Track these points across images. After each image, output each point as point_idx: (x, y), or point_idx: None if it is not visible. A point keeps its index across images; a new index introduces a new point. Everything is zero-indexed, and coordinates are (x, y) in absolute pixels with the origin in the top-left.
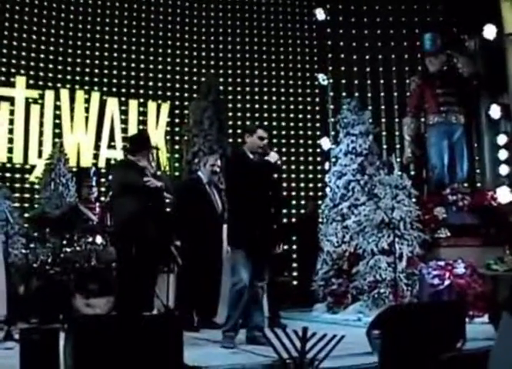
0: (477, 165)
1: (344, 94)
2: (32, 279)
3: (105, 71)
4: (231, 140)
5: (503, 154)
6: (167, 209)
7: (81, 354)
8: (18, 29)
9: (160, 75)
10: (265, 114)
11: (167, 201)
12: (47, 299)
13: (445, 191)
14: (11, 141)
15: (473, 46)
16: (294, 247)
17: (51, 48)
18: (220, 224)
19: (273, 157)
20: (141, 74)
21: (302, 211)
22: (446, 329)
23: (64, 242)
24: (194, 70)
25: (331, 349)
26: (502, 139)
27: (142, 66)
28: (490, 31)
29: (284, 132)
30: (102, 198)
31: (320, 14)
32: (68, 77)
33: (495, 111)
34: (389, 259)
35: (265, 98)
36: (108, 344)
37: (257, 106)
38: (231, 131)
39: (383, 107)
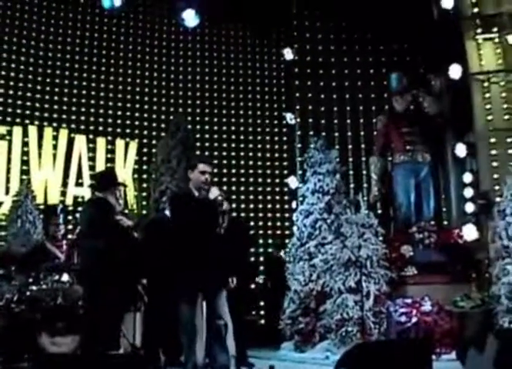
0: (444, 203)
1: (311, 133)
2: None
3: (73, 109)
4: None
5: (469, 193)
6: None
7: None
8: None
9: (128, 113)
10: (233, 153)
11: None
12: (12, 337)
13: (412, 229)
14: None
15: (438, 85)
16: (262, 286)
17: (20, 85)
18: None
19: (213, 193)
20: (110, 112)
21: (270, 250)
22: (413, 366)
23: (30, 280)
24: (163, 108)
25: None
26: (468, 177)
27: (110, 104)
28: (455, 71)
29: (251, 171)
30: (69, 236)
31: (288, 53)
32: (37, 113)
33: (461, 150)
34: (356, 297)
35: (233, 136)
36: None
37: (225, 145)
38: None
39: (350, 146)
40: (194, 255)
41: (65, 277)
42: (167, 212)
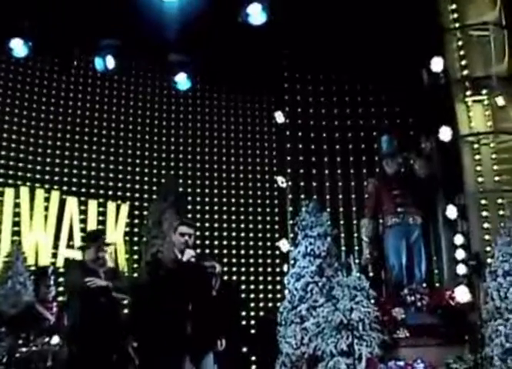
0: (435, 265)
1: (302, 196)
2: None
3: (65, 170)
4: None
5: (460, 254)
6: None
7: None
8: None
9: (120, 176)
10: (224, 216)
11: (124, 301)
12: None
13: (403, 292)
14: None
15: (429, 148)
16: (253, 349)
17: (12, 145)
18: None
19: (187, 254)
20: (101, 174)
21: (261, 314)
22: None
23: (20, 342)
24: (154, 171)
25: None
26: (459, 239)
27: (102, 166)
28: (445, 133)
29: (243, 234)
30: (60, 298)
31: (279, 117)
32: (28, 174)
33: (451, 212)
34: (348, 360)
35: (224, 199)
36: None
37: (216, 207)
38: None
39: (341, 208)
40: (177, 320)
41: (55, 340)
42: None
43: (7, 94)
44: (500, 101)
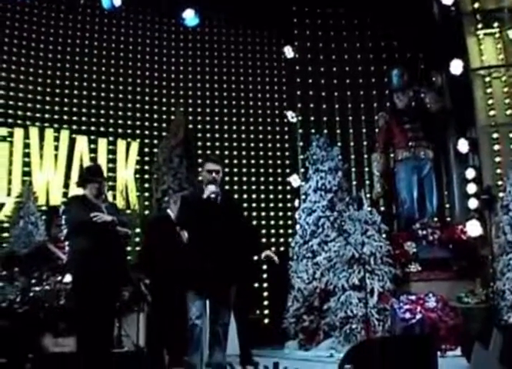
0: (446, 199)
1: (312, 131)
2: (0, 318)
3: (75, 110)
4: (200, 178)
5: (471, 188)
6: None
7: None
8: None
9: (129, 114)
10: (235, 152)
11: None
12: (15, 338)
13: (415, 226)
14: None
15: (440, 81)
16: (265, 285)
17: (21, 86)
18: None
19: (208, 190)
20: (111, 113)
21: (273, 249)
22: (418, 363)
23: (33, 281)
24: (164, 108)
25: None
26: (470, 173)
27: (112, 104)
28: (456, 67)
29: (253, 170)
30: None
31: (288, 52)
32: (38, 115)
33: (463, 146)
34: (360, 295)
35: (234, 135)
36: None
37: (226, 144)
38: (200, 168)
39: (352, 143)
40: (203, 254)
41: (68, 278)
42: (169, 211)
43: (14, 34)
44: None
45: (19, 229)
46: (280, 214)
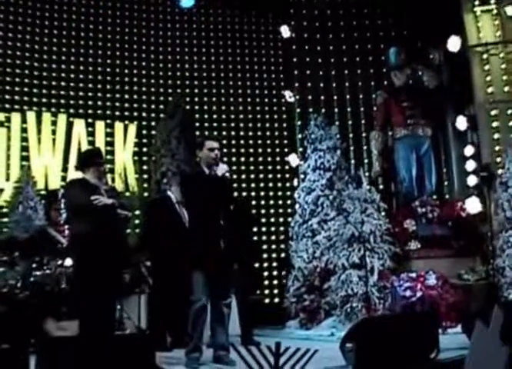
0: (445, 177)
1: (310, 110)
2: (1, 303)
3: (71, 93)
4: (200, 155)
5: (470, 165)
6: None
7: None
8: None
9: (126, 96)
10: (232, 132)
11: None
12: (17, 323)
13: (414, 204)
14: None
15: (437, 59)
16: (265, 264)
17: (17, 71)
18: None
19: (221, 169)
20: (108, 95)
21: (272, 229)
22: (419, 340)
23: (34, 265)
24: (161, 90)
25: (305, 363)
26: (469, 150)
27: (108, 87)
28: (454, 44)
29: (251, 150)
30: None
31: (285, 31)
32: (35, 99)
33: (461, 123)
34: (360, 273)
35: (232, 116)
36: (80, 365)
37: (224, 124)
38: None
39: (350, 122)
40: (206, 233)
41: (68, 262)
42: (169, 193)
43: (11, 20)
44: (510, 10)
45: (18, 214)
46: (280, 193)
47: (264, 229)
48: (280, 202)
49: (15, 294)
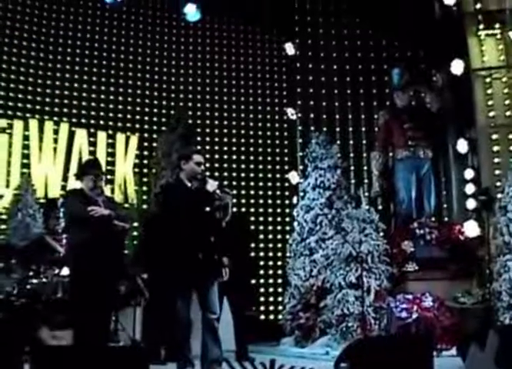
0: (445, 199)
1: (312, 128)
2: None
3: (74, 102)
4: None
5: (470, 189)
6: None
7: None
8: None
9: (129, 107)
10: (234, 148)
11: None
12: (12, 331)
13: (413, 225)
14: None
15: (440, 81)
16: (262, 281)
17: (21, 78)
18: None
19: (211, 185)
20: (111, 106)
21: (270, 246)
22: (414, 362)
23: (31, 273)
24: (164, 103)
25: None
26: (469, 173)
27: (112, 98)
28: (457, 67)
29: (252, 166)
30: None
31: (289, 48)
32: (38, 107)
33: (462, 146)
34: (357, 293)
35: (234, 131)
36: None
37: (225, 140)
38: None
39: (351, 141)
40: (185, 246)
41: (65, 271)
42: None
43: (15, 27)
44: None
45: (17, 221)
46: (279, 210)
47: (261, 245)
48: (279, 219)
49: (11, 301)
